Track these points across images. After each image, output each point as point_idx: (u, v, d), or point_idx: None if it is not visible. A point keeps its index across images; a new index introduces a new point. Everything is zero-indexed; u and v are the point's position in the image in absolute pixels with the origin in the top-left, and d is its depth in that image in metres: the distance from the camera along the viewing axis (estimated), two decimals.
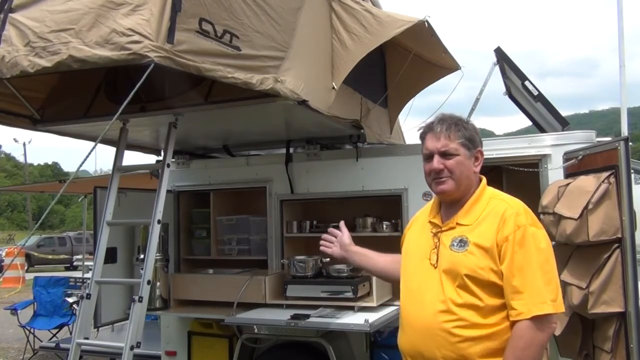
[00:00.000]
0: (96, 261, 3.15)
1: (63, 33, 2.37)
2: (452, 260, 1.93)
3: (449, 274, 1.92)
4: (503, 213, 1.91)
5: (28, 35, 2.47)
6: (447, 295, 1.89)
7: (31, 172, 51.88)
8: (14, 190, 29.64)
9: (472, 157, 2.03)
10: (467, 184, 2.02)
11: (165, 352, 4.68)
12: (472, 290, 1.87)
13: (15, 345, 8.20)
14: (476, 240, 1.91)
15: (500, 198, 2.02)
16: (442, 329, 1.88)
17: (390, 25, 3.64)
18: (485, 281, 1.87)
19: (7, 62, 2.50)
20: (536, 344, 1.82)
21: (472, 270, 1.88)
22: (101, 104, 3.27)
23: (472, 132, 2.03)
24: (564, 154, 3.78)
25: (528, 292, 1.82)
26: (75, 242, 22.88)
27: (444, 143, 1.99)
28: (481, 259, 1.88)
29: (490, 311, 1.87)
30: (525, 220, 1.90)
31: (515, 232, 1.86)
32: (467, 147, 2.00)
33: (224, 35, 2.58)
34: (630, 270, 2.96)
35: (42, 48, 2.41)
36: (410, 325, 2.00)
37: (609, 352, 3.05)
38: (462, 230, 1.97)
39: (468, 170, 2.01)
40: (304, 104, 3.13)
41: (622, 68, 3.95)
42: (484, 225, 1.93)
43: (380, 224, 4.19)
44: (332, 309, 3.69)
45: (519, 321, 1.82)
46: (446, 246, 1.97)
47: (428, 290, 1.96)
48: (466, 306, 1.87)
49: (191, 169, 4.80)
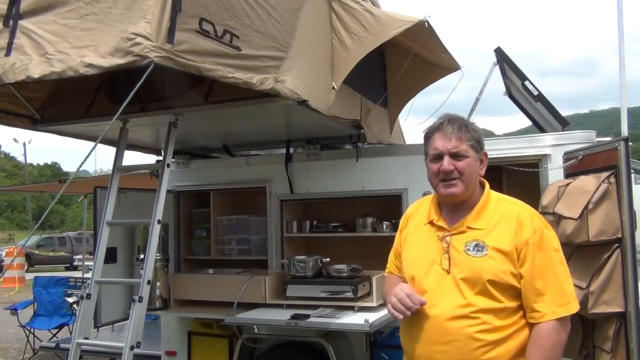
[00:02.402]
0: (96, 261, 3.15)
1: (85, 49, 2.38)
2: (470, 265, 1.90)
3: (467, 280, 1.89)
4: (518, 216, 1.92)
5: (45, 47, 2.46)
6: (469, 300, 1.87)
7: (31, 172, 51.90)
8: (14, 190, 29.62)
9: (479, 160, 2.02)
10: (474, 186, 2.02)
11: (165, 352, 4.68)
12: (493, 294, 1.86)
13: (15, 345, 8.20)
14: (495, 245, 1.90)
15: (508, 201, 2.03)
16: (464, 334, 1.85)
17: (390, 25, 3.64)
18: (506, 285, 1.87)
19: (17, 69, 2.49)
20: (561, 343, 1.85)
21: (495, 275, 1.87)
22: (101, 104, 3.27)
23: (479, 134, 2.03)
24: (564, 154, 3.77)
25: (551, 293, 1.85)
26: (75, 242, 22.88)
27: (455, 144, 1.95)
28: (502, 263, 1.88)
29: (510, 313, 1.88)
30: (540, 224, 1.93)
31: (534, 235, 1.88)
32: (476, 149, 1.99)
33: (224, 35, 2.58)
34: (630, 270, 2.96)
35: (59, 60, 2.41)
36: (423, 331, 1.93)
37: (609, 352, 3.05)
38: (475, 234, 1.94)
39: (476, 173, 2.01)
40: (304, 104, 3.13)
41: (622, 68, 3.95)
42: (500, 229, 1.92)
43: (380, 224, 4.18)
44: (332, 309, 3.69)
45: (541, 322, 1.84)
46: (460, 251, 1.93)
47: (443, 296, 1.91)
48: (488, 310, 1.86)
49: (191, 169, 4.80)
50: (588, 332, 3.29)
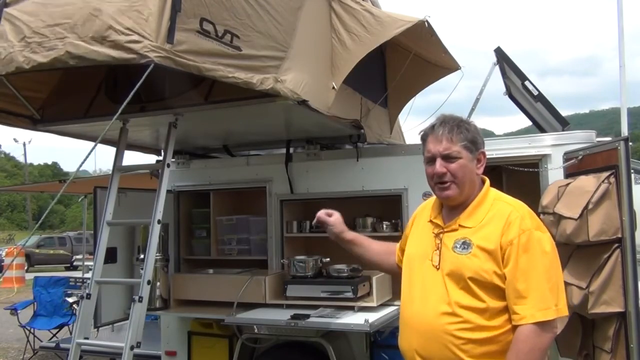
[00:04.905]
0: (96, 261, 3.15)
1: (58, 27, 2.34)
2: (455, 262, 1.91)
3: (452, 276, 1.90)
4: (508, 216, 1.90)
5: (23, 30, 2.44)
6: (452, 297, 1.88)
7: (31, 172, 51.90)
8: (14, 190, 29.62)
9: (475, 160, 2.00)
10: (470, 187, 2.00)
11: (165, 352, 4.68)
12: (475, 292, 1.86)
13: (15, 345, 8.20)
14: (480, 243, 1.89)
15: (504, 200, 2.00)
16: (445, 331, 1.86)
17: (390, 25, 3.64)
18: (488, 284, 1.86)
19: (3, 58, 2.48)
20: (539, 348, 1.81)
21: (476, 273, 1.86)
22: (101, 104, 3.27)
23: (474, 134, 2.00)
24: (564, 154, 3.78)
25: (532, 296, 1.81)
26: (75, 242, 22.89)
27: (446, 146, 1.96)
28: (485, 262, 1.87)
29: (495, 313, 1.86)
30: (530, 224, 1.88)
31: (520, 236, 1.85)
32: (470, 149, 1.98)
33: (224, 35, 2.58)
34: (630, 270, 2.96)
35: (38, 43, 2.38)
36: (411, 326, 1.99)
37: (609, 352, 3.05)
38: (465, 232, 1.95)
39: (471, 174, 1.99)
40: (304, 104, 3.13)
41: (622, 68, 3.95)
42: (489, 228, 1.91)
43: (380, 224, 4.18)
44: (332, 309, 3.69)
45: (521, 325, 1.81)
46: (449, 248, 1.95)
47: (431, 291, 1.94)
48: (471, 309, 1.85)
49: (191, 169, 4.80)
50: (588, 332, 3.29)
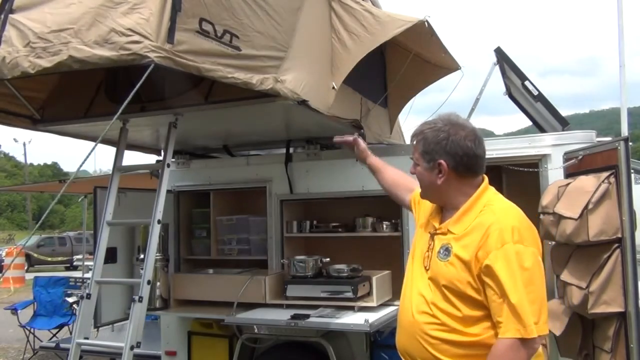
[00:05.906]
0: (96, 261, 3.16)
1: (62, 33, 2.38)
2: (434, 268, 1.92)
3: (432, 280, 1.92)
4: (487, 228, 1.81)
5: (28, 35, 2.48)
6: (432, 299, 1.89)
7: (31, 172, 51.88)
8: (14, 190, 29.63)
9: (434, 169, 1.95)
10: (438, 193, 1.98)
11: (165, 352, 4.68)
12: (450, 300, 1.84)
13: (15, 345, 8.20)
14: (458, 252, 1.86)
15: (492, 208, 1.89)
16: (422, 330, 1.88)
17: (390, 25, 3.64)
18: (462, 293, 1.82)
19: (8, 63, 2.51)
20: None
21: (450, 282, 1.84)
22: (101, 104, 3.27)
23: (434, 145, 1.93)
24: (564, 154, 3.77)
25: (507, 313, 1.73)
26: (75, 242, 22.87)
27: (412, 150, 2.04)
28: (460, 272, 1.83)
29: (472, 322, 1.81)
30: (509, 238, 1.77)
31: (496, 251, 1.77)
32: (425, 158, 1.96)
33: (224, 35, 2.58)
34: (630, 270, 2.96)
35: (43, 49, 2.42)
36: (399, 323, 2.03)
37: (609, 352, 3.05)
38: (450, 238, 1.92)
39: (429, 181, 1.97)
40: (304, 104, 3.13)
41: (622, 68, 3.95)
42: (469, 238, 1.85)
43: (380, 224, 4.19)
44: (332, 309, 3.69)
45: (500, 338, 1.75)
46: (435, 252, 1.95)
47: (417, 291, 1.96)
48: (447, 313, 1.84)
49: (191, 169, 4.80)
50: (588, 332, 3.29)
